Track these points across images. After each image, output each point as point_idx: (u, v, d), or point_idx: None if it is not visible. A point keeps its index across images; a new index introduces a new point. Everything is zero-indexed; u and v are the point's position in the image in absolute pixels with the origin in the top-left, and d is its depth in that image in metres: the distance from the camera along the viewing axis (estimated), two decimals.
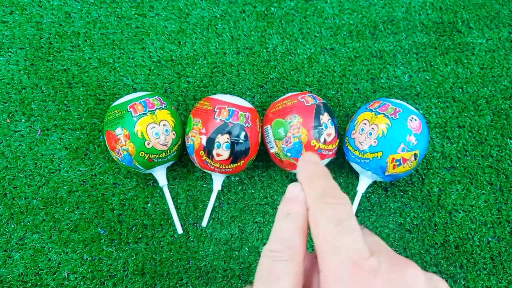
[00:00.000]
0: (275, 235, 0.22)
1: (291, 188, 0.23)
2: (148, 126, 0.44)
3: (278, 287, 0.19)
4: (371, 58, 0.57)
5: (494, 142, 0.54)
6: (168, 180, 0.51)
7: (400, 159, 0.44)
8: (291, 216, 0.22)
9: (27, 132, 0.53)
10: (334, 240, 0.19)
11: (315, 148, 0.45)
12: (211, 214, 0.50)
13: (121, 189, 0.51)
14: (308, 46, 0.57)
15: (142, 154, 0.44)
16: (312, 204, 0.21)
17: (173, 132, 0.46)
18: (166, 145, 0.45)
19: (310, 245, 0.49)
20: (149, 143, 0.44)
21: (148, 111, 0.45)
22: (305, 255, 0.21)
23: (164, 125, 0.45)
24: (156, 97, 0.47)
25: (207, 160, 0.45)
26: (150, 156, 0.45)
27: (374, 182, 0.52)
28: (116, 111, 0.45)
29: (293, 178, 0.52)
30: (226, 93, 0.54)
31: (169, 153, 0.46)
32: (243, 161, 0.46)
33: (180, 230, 0.50)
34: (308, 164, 0.24)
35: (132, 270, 0.49)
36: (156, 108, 0.45)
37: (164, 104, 0.47)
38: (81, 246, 0.50)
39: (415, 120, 0.45)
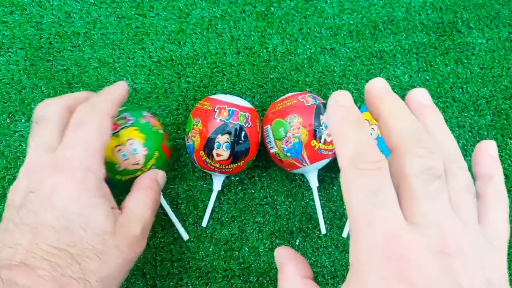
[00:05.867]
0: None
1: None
2: (114, 150, 0.41)
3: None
4: (371, 58, 0.57)
5: None
6: (168, 180, 0.51)
7: None
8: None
9: (27, 132, 0.53)
10: (367, 213, 0.17)
11: (315, 148, 0.45)
12: (211, 214, 0.50)
13: None
14: (308, 46, 0.57)
15: (118, 177, 0.42)
16: (344, 166, 0.19)
17: (144, 148, 0.42)
18: (138, 164, 0.42)
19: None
20: (119, 166, 0.41)
21: (112, 133, 0.40)
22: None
23: (131, 144, 0.42)
24: (123, 114, 0.43)
25: (207, 160, 0.45)
26: (127, 177, 0.42)
27: None
28: None
29: (293, 178, 0.52)
30: (226, 93, 0.54)
31: (145, 170, 0.43)
32: (243, 161, 0.46)
33: (186, 236, 0.49)
34: (339, 110, 0.20)
35: (132, 270, 0.49)
36: (120, 128, 0.42)
37: (131, 120, 0.42)
38: None
39: None
